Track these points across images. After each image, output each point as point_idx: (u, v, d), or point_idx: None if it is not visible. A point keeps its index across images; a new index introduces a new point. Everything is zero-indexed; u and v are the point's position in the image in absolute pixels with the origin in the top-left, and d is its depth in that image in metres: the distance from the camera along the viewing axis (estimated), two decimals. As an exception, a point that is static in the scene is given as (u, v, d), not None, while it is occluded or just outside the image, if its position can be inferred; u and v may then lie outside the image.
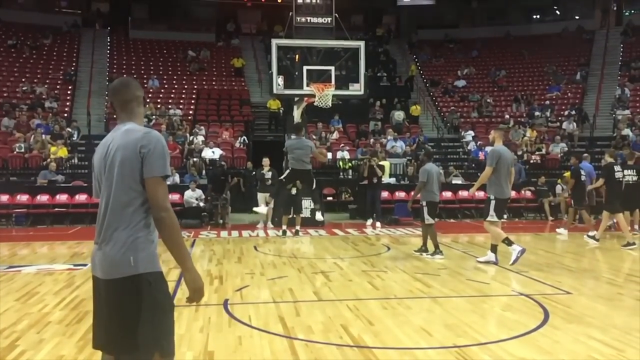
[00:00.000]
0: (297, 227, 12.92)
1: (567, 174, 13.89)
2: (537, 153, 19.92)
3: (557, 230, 13.05)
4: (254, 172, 15.98)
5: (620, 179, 11.61)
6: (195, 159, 17.67)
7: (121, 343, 2.73)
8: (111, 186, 2.77)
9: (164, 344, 2.78)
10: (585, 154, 14.97)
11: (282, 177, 10.73)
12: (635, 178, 12.53)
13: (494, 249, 9.01)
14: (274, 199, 11.71)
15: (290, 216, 13.03)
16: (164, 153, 2.76)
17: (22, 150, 17.51)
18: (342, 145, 19.62)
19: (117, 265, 2.72)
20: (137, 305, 2.68)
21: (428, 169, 9.68)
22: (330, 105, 15.43)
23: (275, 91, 15.53)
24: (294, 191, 12.98)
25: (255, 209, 12.68)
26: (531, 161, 19.49)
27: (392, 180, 17.41)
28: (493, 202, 8.80)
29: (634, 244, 10.76)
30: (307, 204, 14.43)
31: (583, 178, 12.49)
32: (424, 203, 9.65)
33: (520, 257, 8.62)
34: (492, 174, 8.73)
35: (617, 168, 11.59)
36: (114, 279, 2.72)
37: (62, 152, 17.44)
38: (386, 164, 16.85)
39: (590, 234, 11.52)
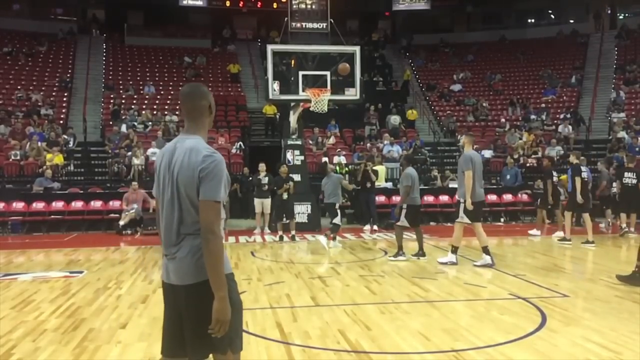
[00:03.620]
0: (293, 232, 12.92)
1: (564, 177, 13.92)
2: (533, 156, 19.95)
3: (553, 235, 13.04)
4: (250, 178, 15.96)
5: (586, 179, 11.95)
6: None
7: (199, 344, 2.84)
8: (175, 203, 2.88)
9: (236, 342, 2.90)
10: (582, 157, 15.01)
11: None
12: (634, 181, 12.65)
13: (486, 251, 9.09)
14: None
15: (285, 222, 13.01)
16: (220, 178, 2.82)
17: (18, 157, 17.44)
18: (339, 150, 19.62)
19: (193, 271, 2.83)
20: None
21: (411, 173, 9.90)
22: (326, 110, 15.43)
23: (271, 97, 15.52)
24: (285, 196, 12.94)
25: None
26: (527, 164, 19.52)
27: (389, 185, 17.42)
28: (462, 205, 9.05)
29: (569, 240, 11.79)
30: (302, 209, 14.45)
31: (555, 179, 13.07)
32: (404, 206, 9.81)
33: (448, 265, 9.14)
34: (463, 178, 9.01)
35: (583, 169, 11.94)
36: (192, 283, 2.84)
37: (58, 159, 17.37)
38: (381, 168, 16.86)
39: (584, 241, 11.61)
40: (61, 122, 21.48)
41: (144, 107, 22.89)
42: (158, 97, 24.48)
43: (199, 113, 3.00)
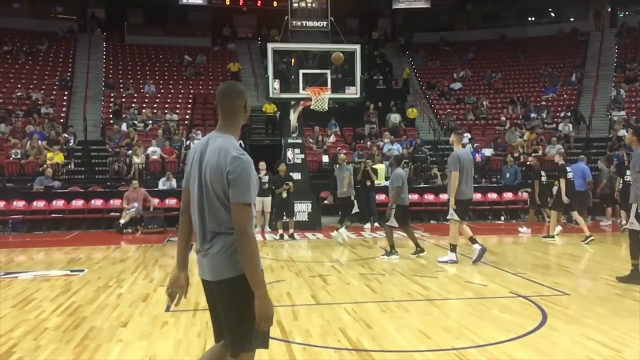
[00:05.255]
0: (292, 231, 12.94)
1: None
2: (533, 155, 19.93)
3: (544, 237, 12.99)
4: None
5: (572, 179, 12.10)
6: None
7: (234, 335, 2.92)
8: (205, 201, 2.92)
9: (264, 339, 2.99)
10: (582, 155, 15.02)
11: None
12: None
13: (473, 240, 9.22)
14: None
15: (285, 220, 13.03)
16: (248, 180, 2.85)
17: (18, 156, 17.44)
18: (339, 148, 19.61)
19: (225, 267, 2.88)
20: (246, 301, 2.82)
21: (401, 173, 10.03)
22: (327, 108, 15.44)
23: (271, 95, 15.52)
24: (284, 195, 12.96)
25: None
26: (527, 163, 19.50)
27: (389, 183, 17.41)
28: None
29: (553, 237, 11.98)
30: (303, 207, 14.45)
31: (544, 179, 13.18)
32: (394, 206, 9.90)
33: (448, 263, 9.16)
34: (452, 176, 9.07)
35: (569, 169, 12.09)
36: (225, 279, 2.89)
37: (59, 158, 17.38)
38: (381, 167, 16.85)
39: (583, 238, 11.61)
40: (61, 120, 21.47)
41: (144, 105, 22.88)
42: (158, 95, 24.47)
43: (234, 112, 3.02)
